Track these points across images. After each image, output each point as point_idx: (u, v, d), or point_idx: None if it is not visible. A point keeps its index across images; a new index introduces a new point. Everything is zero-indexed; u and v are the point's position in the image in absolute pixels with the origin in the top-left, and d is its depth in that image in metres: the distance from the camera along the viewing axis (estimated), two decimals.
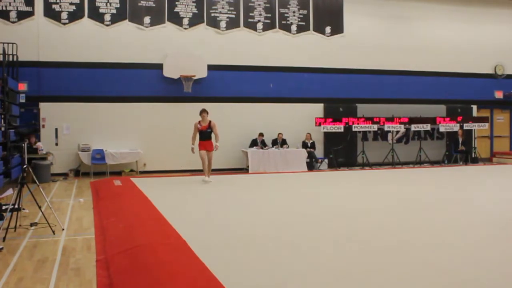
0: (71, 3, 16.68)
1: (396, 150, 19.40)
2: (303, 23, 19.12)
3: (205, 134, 13.80)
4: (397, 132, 19.63)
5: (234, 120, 18.08)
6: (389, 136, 19.67)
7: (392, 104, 19.83)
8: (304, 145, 18.40)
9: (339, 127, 18.65)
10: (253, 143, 17.87)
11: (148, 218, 8.59)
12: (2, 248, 6.79)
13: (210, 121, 13.79)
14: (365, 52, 19.61)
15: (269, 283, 5.23)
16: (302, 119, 18.75)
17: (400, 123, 19.18)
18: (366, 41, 19.64)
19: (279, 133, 18.17)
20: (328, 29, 19.37)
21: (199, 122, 13.85)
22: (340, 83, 19.40)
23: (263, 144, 17.84)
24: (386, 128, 19.24)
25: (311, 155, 18.18)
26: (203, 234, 7.49)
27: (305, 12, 19.14)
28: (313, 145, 18.47)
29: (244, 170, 17.77)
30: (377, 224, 8.14)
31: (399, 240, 7.05)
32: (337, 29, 19.48)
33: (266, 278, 5.36)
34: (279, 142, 18.10)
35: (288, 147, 18.02)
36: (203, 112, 13.86)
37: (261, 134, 17.93)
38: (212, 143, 13.78)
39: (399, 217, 8.80)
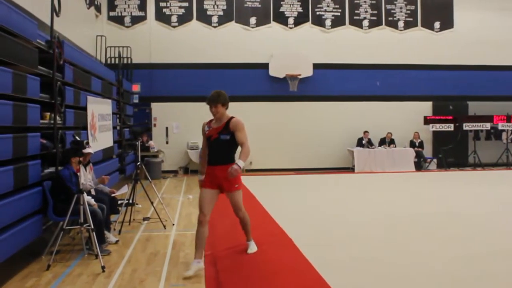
0: (180, 7, 17.30)
1: (511, 150, 18.36)
2: (411, 19, 18.57)
3: (215, 147, 6.16)
4: None
5: (339, 119, 17.90)
6: (503, 135, 18.62)
7: (508, 101, 18.71)
8: (412, 144, 17.86)
9: (448, 126, 17.93)
10: (359, 142, 17.61)
11: (254, 216, 8.67)
12: (118, 241, 7.18)
13: (230, 119, 6.11)
14: (477, 47, 18.61)
15: (375, 285, 5.15)
16: (409, 118, 18.19)
17: None
18: (477, 36, 18.62)
19: (388, 132, 17.75)
20: (437, 24, 18.68)
21: (209, 122, 6.28)
22: (450, 80, 18.59)
23: (369, 143, 17.53)
24: (500, 127, 18.22)
25: (419, 155, 17.64)
26: (309, 232, 7.51)
27: (412, 7, 18.59)
28: (421, 145, 17.89)
29: (350, 169, 17.56)
30: (488, 228, 7.77)
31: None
32: (447, 24, 18.74)
33: (371, 279, 5.28)
34: (387, 141, 17.72)
35: (395, 146, 17.59)
36: (212, 102, 6.00)
37: (366, 132, 17.62)
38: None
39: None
